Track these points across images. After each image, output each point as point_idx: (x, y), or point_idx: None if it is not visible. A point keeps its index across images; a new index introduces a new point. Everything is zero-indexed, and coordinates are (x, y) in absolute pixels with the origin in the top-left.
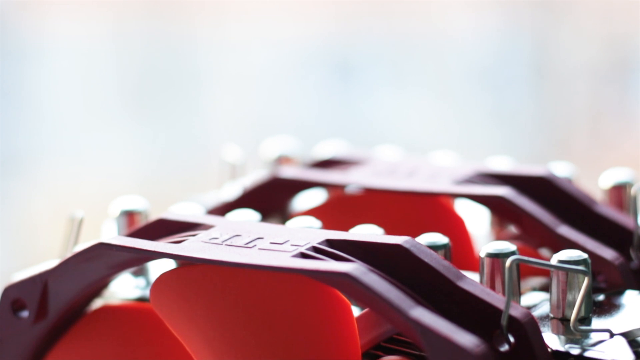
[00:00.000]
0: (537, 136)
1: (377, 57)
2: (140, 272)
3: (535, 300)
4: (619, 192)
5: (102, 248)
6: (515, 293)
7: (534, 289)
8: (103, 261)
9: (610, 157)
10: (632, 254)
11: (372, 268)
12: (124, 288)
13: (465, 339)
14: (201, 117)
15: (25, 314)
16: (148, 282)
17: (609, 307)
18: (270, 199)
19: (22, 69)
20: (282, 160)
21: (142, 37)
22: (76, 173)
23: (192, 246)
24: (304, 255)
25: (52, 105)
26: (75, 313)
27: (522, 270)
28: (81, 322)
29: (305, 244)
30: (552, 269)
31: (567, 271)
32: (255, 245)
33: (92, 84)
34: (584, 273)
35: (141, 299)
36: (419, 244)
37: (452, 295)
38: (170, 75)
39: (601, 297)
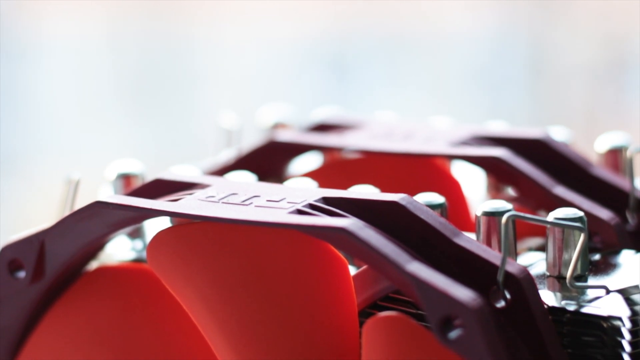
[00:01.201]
0: None
1: (373, 56)
2: (137, 235)
3: (531, 260)
4: (615, 155)
5: (98, 206)
6: (511, 251)
7: (530, 249)
8: (100, 220)
9: None
10: (628, 215)
11: (368, 225)
12: (121, 250)
13: (462, 293)
14: (197, 116)
15: (22, 274)
16: (145, 245)
17: (605, 266)
18: (267, 162)
19: (18, 68)
20: (278, 127)
21: (138, 36)
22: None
23: (189, 204)
24: (300, 212)
25: (48, 104)
26: (72, 274)
27: (519, 231)
28: (78, 283)
29: (301, 201)
30: (548, 226)
31: (563, 227)
32: (251, 203)
33: (88, 84)
34: (580, 229)
35: (138, 261)
36: (416, 201)
37: (448, 252)
38: (167, 74)
39: (597, 257)
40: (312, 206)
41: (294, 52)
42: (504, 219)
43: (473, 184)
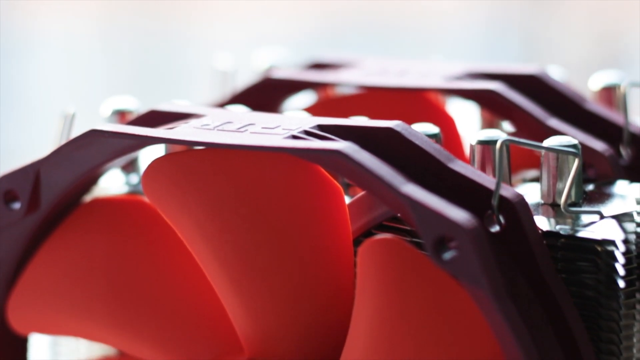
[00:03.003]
0: None
1: (366, 54)
2: (132, 169)
3: (525, 191)
4: (609, 93)
5: (94, 135)
6: (505, 178)
7: (525, 180)
8: (95, 149)
9: None
10: (622, 150)
11: (363, 149)
12: (115, 184)
13: (457, 214)
14: None
15: (17, 205)
16: (140, 178)
17: (599, 196)
18: (262, 100)
19: (11, 66)
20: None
21: (132, 34)
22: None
23: (184, 131)
24: (295, 138)
25: (41, 103)
26: (68, 205)
27: (513, 164)
28: (74, 215)
29: (296, 128)
30: (542, 152)
31: (558, 152)
32: (246, 130)
33: (81, 82)
34: (574, 154)
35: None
36: (411, 128)
37: (443, 177)
38: (161, 73)
39: (591, 187)
40: (307, 132)
41: (287, 50)
42: (498, 143)
43: (467, 122)
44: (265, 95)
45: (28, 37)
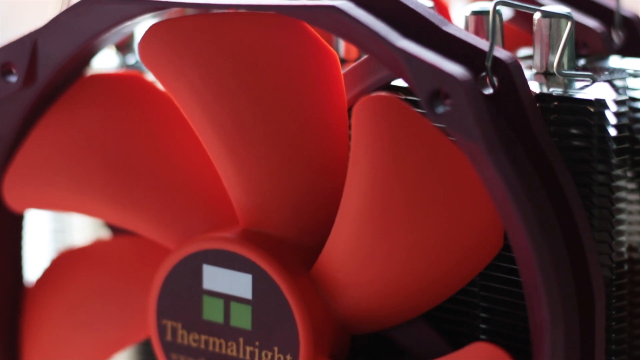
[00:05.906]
0: None
1: None
2: (127, 50)
3: None
4: None
5: (91, 2)
6: (499, 42)
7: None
8: (93, 17)
9: None
10: (614, 34)
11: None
12: (111, 64)
13: (451, 67)
14: None
15: (13, 78)
16: (135, 60)
17: (592, 67)
18: None
19: None
20: None
21: None
22: None
23: None
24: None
25: None
26: (65, 81)
27: (507, 44)
28: (71, 90)
29: None
30: (534, 21)
31: (551, 17)
32: None
33: None
34: (567, 18)
35: None
36: None
37: (437, 39)
38: None
39: (583, 61)
40: None
41: None
42: (491, 6)
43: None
44: None
45: (17, 29)
